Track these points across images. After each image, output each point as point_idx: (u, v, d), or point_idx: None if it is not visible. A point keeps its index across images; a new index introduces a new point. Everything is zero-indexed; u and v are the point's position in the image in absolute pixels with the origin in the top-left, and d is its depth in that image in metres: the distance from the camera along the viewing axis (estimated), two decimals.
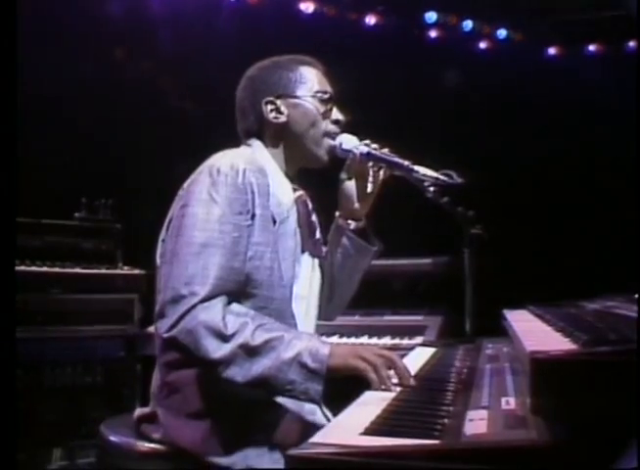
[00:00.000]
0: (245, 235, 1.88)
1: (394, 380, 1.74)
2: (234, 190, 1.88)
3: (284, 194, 2.02)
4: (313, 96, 2.09)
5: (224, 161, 1.93)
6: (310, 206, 2.22)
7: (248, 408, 1.87)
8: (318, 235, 2.25)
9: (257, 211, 1.91)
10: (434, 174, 2.08)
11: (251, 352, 1.77)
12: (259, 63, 2.18)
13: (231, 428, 1.87)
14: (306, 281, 2.11)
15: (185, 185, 1.98)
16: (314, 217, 2.24)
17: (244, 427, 1.87)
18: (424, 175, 2.08)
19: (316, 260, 2.19)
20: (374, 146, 2.14)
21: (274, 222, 1.95)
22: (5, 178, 1.76)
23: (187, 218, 1.87)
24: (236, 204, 1.88)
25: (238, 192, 1.88)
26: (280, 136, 2.10)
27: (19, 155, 1.83)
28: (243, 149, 2.10)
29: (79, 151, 4.21)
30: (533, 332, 1.67)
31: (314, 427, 1.88)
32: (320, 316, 2.25)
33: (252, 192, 1.91)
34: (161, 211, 2.15)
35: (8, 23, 1.82)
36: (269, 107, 2.08)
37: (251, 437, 1.87)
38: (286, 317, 1.96)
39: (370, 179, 2.17)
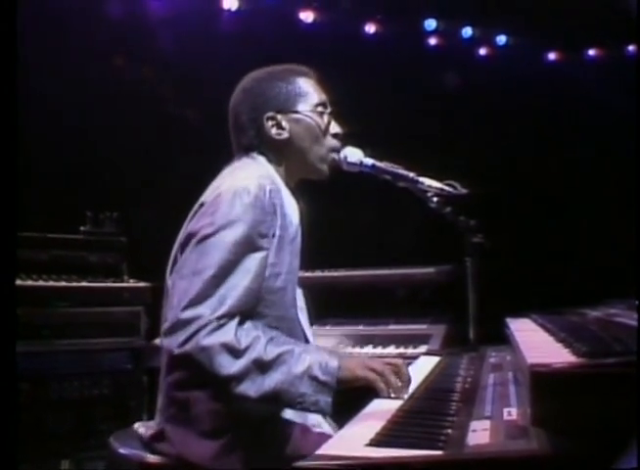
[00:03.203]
0: (267, 257, 1.89)
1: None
2: (261, 212, 1.88)
3: (294, 214, 2.01)
4: (313, 110, 2.08)
5: (252, 181, 1.91)
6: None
7: (256, 425, 1.89)
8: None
9: (277, 232, 1.92)
10: (439, 185, 2.10)
11: (263, 366, 1.79)
12: (253, 74, 2.15)
13: (240, 445, 1.88)
14: (300, 291, 2.12)
15: (207, 201, 1.95)
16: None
17: (253, 444, 1.88)
18: (428, 186, 2.10)
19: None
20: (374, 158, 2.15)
21: (288, 243, 1.95)
22: (7, 192, 1.77)
23: (213, 238, 1.85)
24: (262, 226, 1.88)
25: (264, 214, 1.88)
26: (282, 152, 2.08)
27: (24, 169, 1.85)
28: (257, 166, 2.05)
29: (84, 165, 4.23)
30: (535, 343, 1.69)
31: (322, 437, 1.90)
32: None
33: (275, 213, 1.91)
34: (166, 224, 2.16)
35: (8, 31, 1.84)
36: (270, 122, 2.06)
37: (260, 453, 1.88)
38: (296, 335, 1.98)
39: None
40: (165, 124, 4.56)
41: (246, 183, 1.91)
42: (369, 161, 2.13)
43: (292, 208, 2.01)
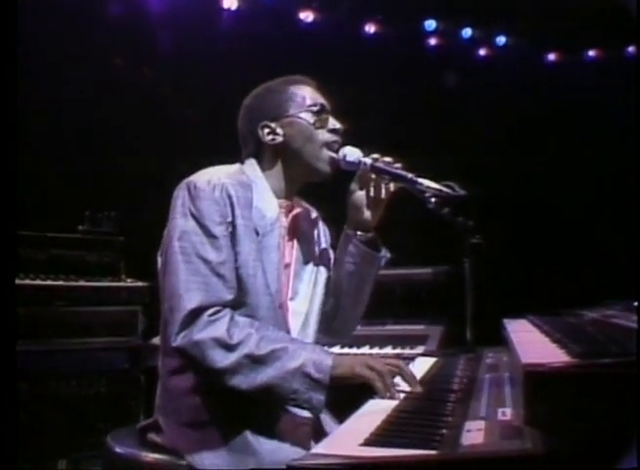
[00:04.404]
0: (228, 244, 1.94)
1: (400, 387, 1.80)
2: (211, 203, 1.94)
3: (268, 209, 2.05)
4: (306, 110, 2.11)
5: (202, 177, 1.99)
6: (314, 219, 2.26)
7: (244, 416, 1.91)
8: (324, 246, 2.28)
9: (238, 221, 1.97)
10: (437, 186, 2.09)
11: (255, 361, 1.83)
12: (254, 91, 2.21)
13: (227, 436, 1.91)
14: (306, 297, 2.15)
15: None
16: (320, 230, 2.28)
17: (240, 434, 1.90)
18: (427, 187, 2.10)
19: (320, 277, 2.22)
20: (374, 156, 2.14)
21: (257, 234, 2.00)
22: (6, 191, 1.78)
23: (171, 231, 1.95)
24: (214, 215, 1.94)
25: (215, 204, 1.94)
26: (278, 156, 2.12)
27: (22, 168, 1.86)
28: (230, 165, 2.14)
29: (82, 164, 4.24)
30: (530, 343, 1.69)
31: (311, 427, 1.99)
32: (327, 332, 2.28)
33: (232, 204, 1.96)
34: (164, 224, 2.18)
35: (9, 31, 1.84)
36: (265, 130, 2.11)
37: (247, 442, 1.90)
38: (276, 328, 1.98)
39: (381, 192, 2.18)
40: (164, 123, 4.56)
41: (195, 178, 1.99)
42: (367, 160, 2.13)
43: (263, 204, 2.05)
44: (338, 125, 2.15)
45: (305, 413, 1.99)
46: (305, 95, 2.14)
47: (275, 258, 2.03)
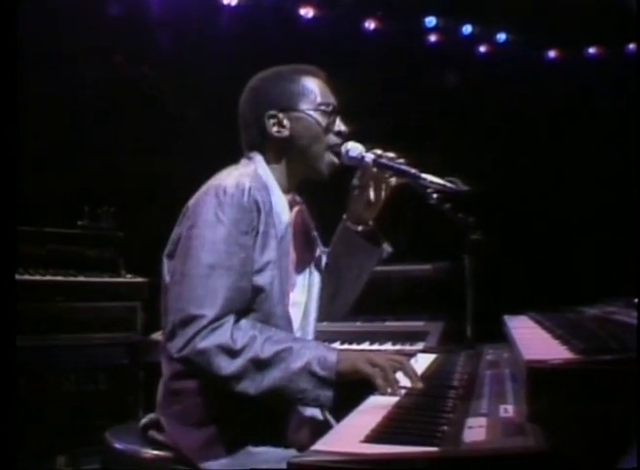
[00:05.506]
0: (251, 254, 1.91)
1: (401, 384, 1.79)
2: (240, 210, 1.89)
3: (283, 212, 2.02)
4: (316, 109, 2.08)
5: (230, 180, 1.93)
6: (308, 217, 2.24)
7: (249, 417, 1.90)
8: (317, 247, 2.27)
9: (261, 229, 1.93)
10: (441, 182, 2.09)
11: (261, 365, 1.82)
12: (261, 73, 2.16)
13: (232, 436, 1.90)
14: (304, 288, 2.15)
15: (190, 204, 1.98)
16: (312, 229, 2.26)
17: (245, 435, 1.90)
18: (431, 182, 2.09)
19: (315, 266, 2.21)
20: (377, 151, 2.13)
21: (275, 239, 1.96)
22: (6, 186, 1.78)
23: (195, 240, 1.89)
24: (242, 224, 1.89)
25: (243, 211, 1.89)
26: (282, 150, 2.09)
27: (21, 163, 1.86)
28: (245, 165, 2.08)
29: (82, 159, 4.23)
30: (532, 339, 1.69)
31: (315, 425, 1.99)
32: (322, 317, 2.27)
33: (258, 210, 1.92)
34: (164, 219, 2.17)
35: (7, 30, 1.84)
36: (272, 121, 2.06)
37: (252, 443, 1.90)
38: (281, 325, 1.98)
39: (382, 186, 2.16)
40: (167, 122, 4.55)
41: (223, 183, 1.93)
42: (370, 155, 2.12)
43: (281, 207, 2.02)
44: (343, 128, 2.12)
45: (311, 414, 2.01)
46: (317, 91, 2.10)
47: (287, 262, 2.02)
